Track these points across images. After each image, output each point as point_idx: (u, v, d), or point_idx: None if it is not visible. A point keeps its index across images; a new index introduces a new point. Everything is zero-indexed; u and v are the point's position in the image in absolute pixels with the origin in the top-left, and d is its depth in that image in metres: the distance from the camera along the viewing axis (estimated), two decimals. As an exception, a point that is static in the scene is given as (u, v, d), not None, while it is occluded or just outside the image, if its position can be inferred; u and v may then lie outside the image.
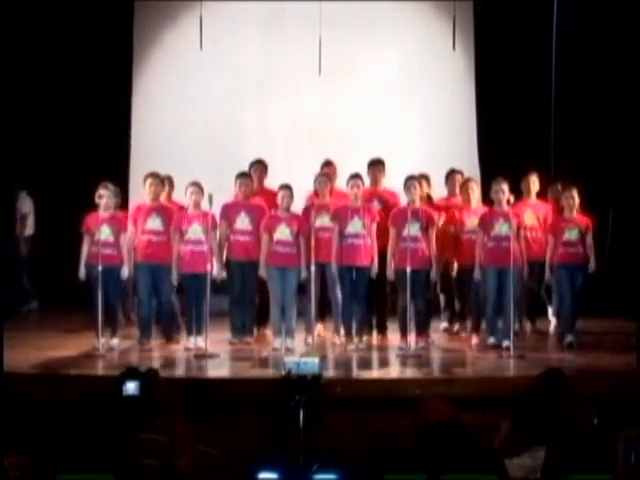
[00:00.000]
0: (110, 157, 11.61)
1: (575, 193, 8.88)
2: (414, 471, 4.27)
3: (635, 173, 10.56)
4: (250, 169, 9.56)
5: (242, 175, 9.25)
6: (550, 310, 9.87)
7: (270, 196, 9.18)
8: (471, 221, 9.13)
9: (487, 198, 9.23)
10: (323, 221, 8.94)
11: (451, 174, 9.69)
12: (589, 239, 8.90)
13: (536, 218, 9.36)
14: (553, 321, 9.80)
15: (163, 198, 9.38)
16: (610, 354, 8.42)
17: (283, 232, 8.81)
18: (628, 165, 10.88)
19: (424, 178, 9.37)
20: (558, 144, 11.33)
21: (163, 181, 9.27)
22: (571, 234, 8.85)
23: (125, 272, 8.87)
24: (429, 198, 9.44)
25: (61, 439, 5.16)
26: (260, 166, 9.67)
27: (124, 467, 4.51)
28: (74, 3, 11.68)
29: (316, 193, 9.21)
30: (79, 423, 6.13)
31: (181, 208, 9.22)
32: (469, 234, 9.11)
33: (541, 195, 9.65)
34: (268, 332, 9.23)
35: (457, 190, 9.53)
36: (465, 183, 9.42)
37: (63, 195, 11.36)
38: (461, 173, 9.72)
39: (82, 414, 6.30)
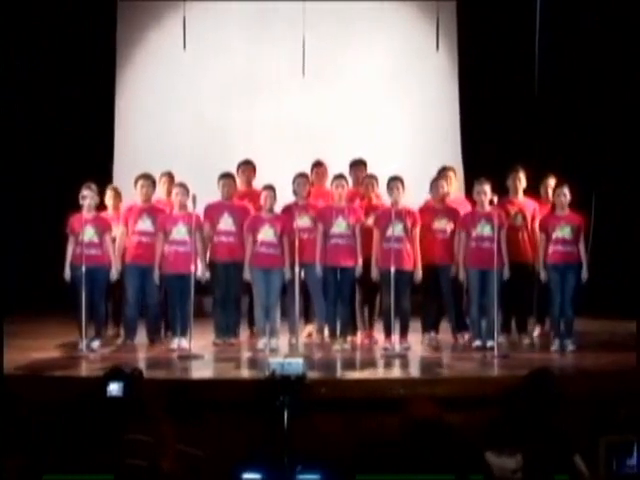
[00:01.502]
0: (94, 158, 11.58)
1: (566, 190, 8.76)
2: (399, 471, 4.27)
3: (631, 170, 10.64)
4: (238, 170, 9.55)
5: (224, 176, 9.23)
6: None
7: (258, 197, 9.12)
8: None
9: (470, 198, 9.23)
10: (303, 222, 8.95)
11: (443, 171, 9.48)
12: (582, 240, 8.74)
13: (522, 217, 9.14)
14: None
15: (164, 195, 9.40)
16: (595, 354, 8.45)
17: (267, 233, 8.80)
18: (622, 163, 10.96)
19: (374, 179, 9.36)
20: (542, 143, 11.37)
21: (154, 182, 9.26)
22: (563, 232, 8.68)
23: (114, 274, 8.87)
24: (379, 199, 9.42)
25: (46, 440, 5.14)
26: (248, 167, 9.65)
27: (109, 467, 4.50)
28: (56, 2, 11.65)
29: (295, 193, 9.20)
30: (63, 424, 6.11)
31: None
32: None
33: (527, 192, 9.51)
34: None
35: (449, 188, 9.34)
36: (445, 172, 9.44)
37: (47, 196, 11.32)
38: (453, 170, 9.68)
39: (66, 415, 6.27)
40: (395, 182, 8.84)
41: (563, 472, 4.50)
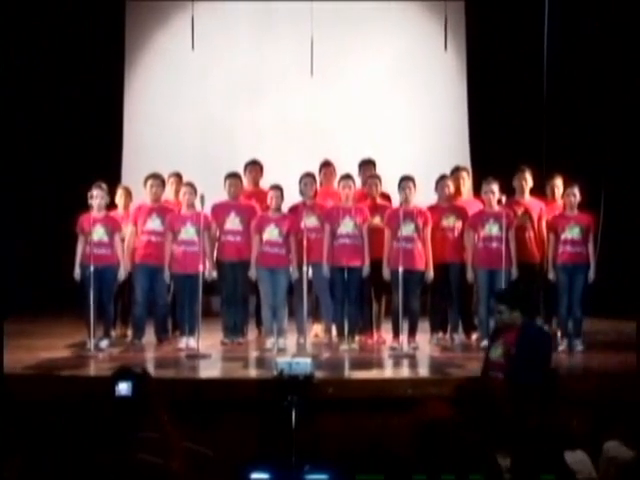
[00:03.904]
0: (103, 157, 11.60)
1: (576, 190, 8.76)
2: (407, 471, 4.27)
3: (632, 171, 10.61)
4: (245, 169, 9.56)
5: (231, 175, 9.24)
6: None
7: (264, 197, 9.13)
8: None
9: (480, 198, 9.22)
10: (311, 221, 8.94)
11: (455, 171, 9.50)
12: (591, 240, 8.72)
13: (529, 217, 9.11)
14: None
15: (172, 195, 9.40)
16: (602, 354, 8.44)
17: (272, 233, 8.80)
18: (630, 163, 10.93)
19: (377, 178, 9.38)
20: (550, 144, 11.35)
21: (164, 182, 9.27)
22: (572, 232, 8.67)
23: (122, 274, 8.88)
24: (387, 198, 9.45)
25: (46, 440, 5.15)
26: (255, 167, 9.64)
27: (119, 464, 4.50)
28: (65, 3, 11.67)
29: (301, 193, 9.20)
30: (67, 424, 6.13)
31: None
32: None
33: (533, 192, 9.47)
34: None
35: (462, 189, 9.41)
36: (457, 172, 9.46)
37: (56, 195, 11.34)
38: (466, 170, 9.67)
39: (72, 415, 6.29)
40: (407, 182, 8.84)
41: (550, 472, 4.48)
